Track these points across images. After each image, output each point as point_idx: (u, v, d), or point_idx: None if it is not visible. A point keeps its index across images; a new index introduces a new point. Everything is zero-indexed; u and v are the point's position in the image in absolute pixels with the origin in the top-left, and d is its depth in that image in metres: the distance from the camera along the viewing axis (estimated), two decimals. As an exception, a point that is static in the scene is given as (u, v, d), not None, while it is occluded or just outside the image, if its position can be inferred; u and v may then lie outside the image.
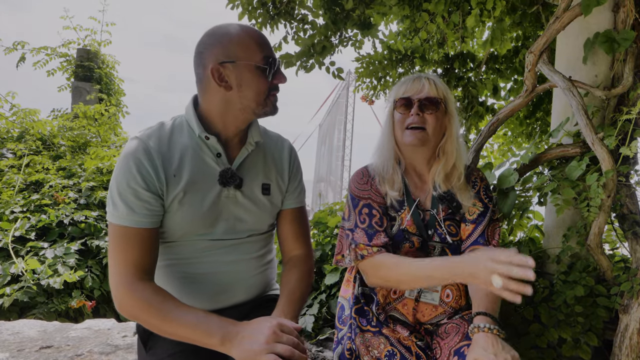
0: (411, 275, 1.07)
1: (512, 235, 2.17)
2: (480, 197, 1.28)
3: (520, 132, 3.47)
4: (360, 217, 1.22)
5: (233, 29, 1.02)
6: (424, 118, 1.20)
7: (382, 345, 1.16)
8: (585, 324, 1.62)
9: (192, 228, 1.05)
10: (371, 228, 1.20)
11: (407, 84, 1.24)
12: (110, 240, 0.99)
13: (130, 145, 1.00)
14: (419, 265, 1.06)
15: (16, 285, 2.51)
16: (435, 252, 1.24)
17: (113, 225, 0.98)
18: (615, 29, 1.73)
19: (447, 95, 1.24)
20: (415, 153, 1.27)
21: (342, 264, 1.30)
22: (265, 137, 1.22)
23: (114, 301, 0.97)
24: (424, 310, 1.24)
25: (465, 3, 2.62)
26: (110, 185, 1.00)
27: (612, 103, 1.75)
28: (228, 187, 1.08)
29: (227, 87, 1.02)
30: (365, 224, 1.21)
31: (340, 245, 1.32)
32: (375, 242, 1.18)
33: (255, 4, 2.75)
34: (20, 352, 1.81)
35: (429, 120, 1.20)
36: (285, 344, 0.88)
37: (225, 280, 1.12)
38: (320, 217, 2.76)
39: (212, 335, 0.89)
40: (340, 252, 1.31)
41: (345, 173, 22.54)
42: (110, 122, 5.72)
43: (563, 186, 1.60)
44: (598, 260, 1.64)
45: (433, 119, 1.20)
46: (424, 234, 1.24)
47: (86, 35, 6.83)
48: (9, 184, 3.69)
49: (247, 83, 1.02)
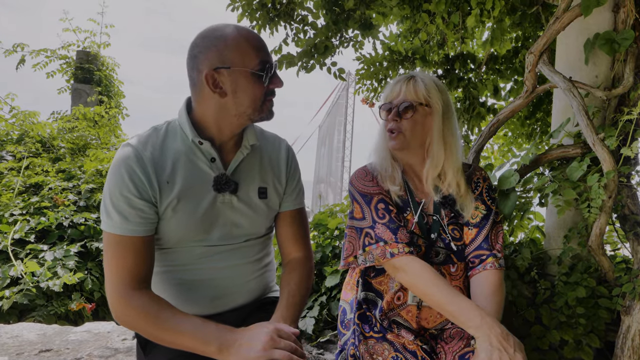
0: (425, 295, 1.10)
1: (513, 236, 2.16)
2: (483, 198, 1.27)
3: (520, 132, 3.46)
4: (377, 212, 1.19)
5: (229, 31, 0.98)
6: (401, 123, 1.21)
7: (386, 352, 1.14)
8: (587, 325, 1.61)
9: (188, 234, 1.04)
10: (392, 223, 1.17)
11: (389, 89, 1.26)
12: (105, 249, 0.98)
13: (121, 152, 0.99)
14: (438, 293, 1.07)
15: (15, 287, 2.51)
16: (439, 257, 1.22)
17: (107, 234, 0.97)
18: (616, 30, 1.73)
19: (431, 95, 1.21)
20: (405, 156, 1.27)
21: (355, 265, 1.25)
22: (262, 138, 1.19)
23: (111, 310, 0.96)
24: (428, 317, 1.22)
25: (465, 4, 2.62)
26: (103, 193, 0.98)
27: (612, 103, 1.75)
28: (223, 192, 1.06)
29: (222, 94, 0.99)
30: (386, 219, 1.18)
31: (350, 246, 1.26)
32: (401, 237, 1.14)
33: (255, 6, 2.74)
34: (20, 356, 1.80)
35: (405, 124, 1.20)
36: (283, 349, 0.88)
37: (222, 285, 1.11)
38: (320, 219, 2.75)
39: (209, 343, 0.89)
40: (352, 254, 1.25)
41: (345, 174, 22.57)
42: (110, 124, 5.72)
43: (564, 187, 1.59)
44: (599, 262, 1.63)
45: (410, 123, 1.20)
46: (427, 238, 1.22)
47: (86, 38, 6.84)
48: (9, 186, 3.68)
49: (243, 89, 0.99)
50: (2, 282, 2.53)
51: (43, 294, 2.60)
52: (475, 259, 1.21)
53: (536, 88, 1.73)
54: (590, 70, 1.79)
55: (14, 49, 6.09)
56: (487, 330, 0.98)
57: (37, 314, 2.50)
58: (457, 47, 3.16)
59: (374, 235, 1.17)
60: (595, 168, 1.58)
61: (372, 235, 1.18)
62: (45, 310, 2.54)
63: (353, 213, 1.25)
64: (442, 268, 1.21)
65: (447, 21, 2.66)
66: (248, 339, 0.89)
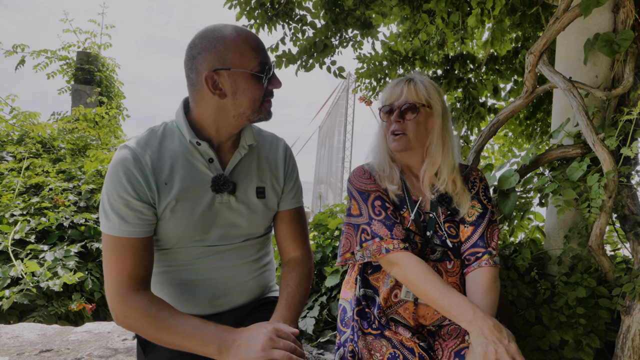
0: (419, 290, 1.11)
1: (513, 236, 2.16)
2: (479, 198, 1.28)
3: (520, 133, 3.46)
4: (374, 209, 1.21)
5: (228, 32, 0.97)
6: (404, 124, 1.22)
7: (384, 348, 1.15)
8: (587, 325, 1.61)
9: (186, 235, 1.04)
10: (388, 219, 1.19)
11: (389, 90, 1.27)
12: (104, 251, 0.98)
13: (119, 154, 0.99)
14: (431, 289, 1.08)
15: (16, 287, 2.51)
16: (436, 254, 1.23)
17: (106, 235, 0.97)
18: (615, 30, 1.73)
19: (431, 96, 1.23)
20: (405, 156, 1.28)
21: (352, 261, 1.27)
22: (260, 138, 1.20)
23: (111, 311, 0.96)
24: (426, 314, 1.23)
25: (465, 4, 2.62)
26: (102, 196, 0.99)
27: (612, 104, 1.75)
28: (221, 193, 1.06)
29: (221, 95, 0.99)
30: (382, 215, 1.20)
31: (347, 242, 1.28)
32: (396, 233, 1.17)
33: (254, 5, 2.74)
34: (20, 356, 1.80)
35: (409, 126, 1.22)
36: (282, 349, 0.88)
37: (222, 285, 1.11)
38: (320, 219, 2.76)
39: (208, 344, 0.89)
40: (349, 250, 1.27)
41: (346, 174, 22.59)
42: (110, 124, 5.72)
43: (564, 187, 1.60)
44: (599, 262, 1.63)
45: (413, 124, 1.21)
46: (423, 235, 1.24)
47: (86, 38, 6.85)
48: (9, 187, 3.69)
49: (242, 90, 0.99)
50: (2, 282, 2.53)
51: (43, 295, 2.60)
52: (471, 257, 1.23)
53: (536, 88, 1.74)
54: (590, 70, 1.79)
55: (14, 49, 6.10)
56: (480, 323, 0.99)
57: (37, 314, 2.51)
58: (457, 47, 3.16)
59: (370, 231, 1.20)
60: (595, 168, 1.58)
61: (369, 231, 1.20)
62: (45, 311, 2.54)
63: (350, 210, 1.27)
64: (439, 265, 1.23)
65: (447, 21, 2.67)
66: (247, 339, 0.89)
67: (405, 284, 1.17)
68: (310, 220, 3.28)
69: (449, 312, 1.05)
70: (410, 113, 1.21)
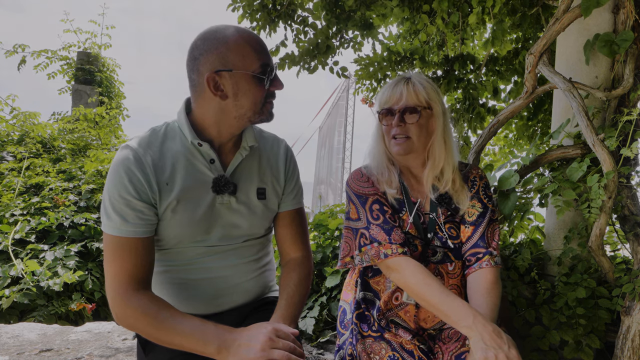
0: (418, 295, 1.11)
1: (513, 237, 2.16)
2: (479, 197, 1.27)
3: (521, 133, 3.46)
4: (372, 213, 1.20)
5: (230, 34, 0.97)
6: (406, 127, 1.20)
7: (383, 351, 1.14)
8: (587, 326, 1.61)
9: (187, 235, 1.04)
10: (387, 224, 1.18)
11: (387, 92, 1.23)
12: (105, 250, 0.98)
13: (120, 154, 0.99)
14: (430, 293, 1.07)
15: (15, 287, 2.51)
16: (437, 256, 1.22)
17: (107, 235, 0.97)
18: (615, 31, 1.73)
19: (431, 97, 1.21)
20: (406, 159, 1.26)
21: (351, 265, 1.26)
22: (261, 139, 1.20)
23: (111, 311, 0.97)
24: (427, 317, 1.22)
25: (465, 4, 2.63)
26: (103, 195, 0.99)
27: (612, 104, 1.75)
28: (222, 194, 1.06)
29: (223, 96, 0.99)
30: (380, 220, 1.19)
31: (347, 246, 1.27)
32: (395, 238, 1.15)
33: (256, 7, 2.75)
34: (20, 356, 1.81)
35: (412, 129, 1.19)
36: (281, 349, 0.88)
37: (222, 284, 1.11)
38: (320, 220, 2.76)
39: (208, 344, 0.89)
40: (348, 254, 1.26)
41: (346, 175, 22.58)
42: (110, 124, 5.73)
43: (564, 187, 1.60)
44: (599, 262, 1.63)
45: (416, 127, 1.19)
46: (424, 237, 1.23)
47: (86, 39, 6.87)
48: (9, 186, 3.69)
49: (244, 92, 0.99)
50: (2, 281, 2.53)
51: (43, 294, 2.61)
52: (472, 257, 1.21)
53: (536, 89, 1.74)
54: (590, 71, 1.79)
55: (14, 49, 6.11)
56: (480, 329, 0.98)
57: (37, 314, 2.51)
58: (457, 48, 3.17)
59: (369, 235, 1.18)
60: (595, 169, 1.58)
61: (367, 236, 1.19)
62: (45, 310, 2.54)
63: (349, 213, 1.26)
64: (440, 267, 1.22)
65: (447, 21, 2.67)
66: (247, 339, 0.89)
67: (404, 288, 1.16)
68: (310, 220, 3.29)
69: (449, 317, 1.04)
70: (412, 116, 1.19)
